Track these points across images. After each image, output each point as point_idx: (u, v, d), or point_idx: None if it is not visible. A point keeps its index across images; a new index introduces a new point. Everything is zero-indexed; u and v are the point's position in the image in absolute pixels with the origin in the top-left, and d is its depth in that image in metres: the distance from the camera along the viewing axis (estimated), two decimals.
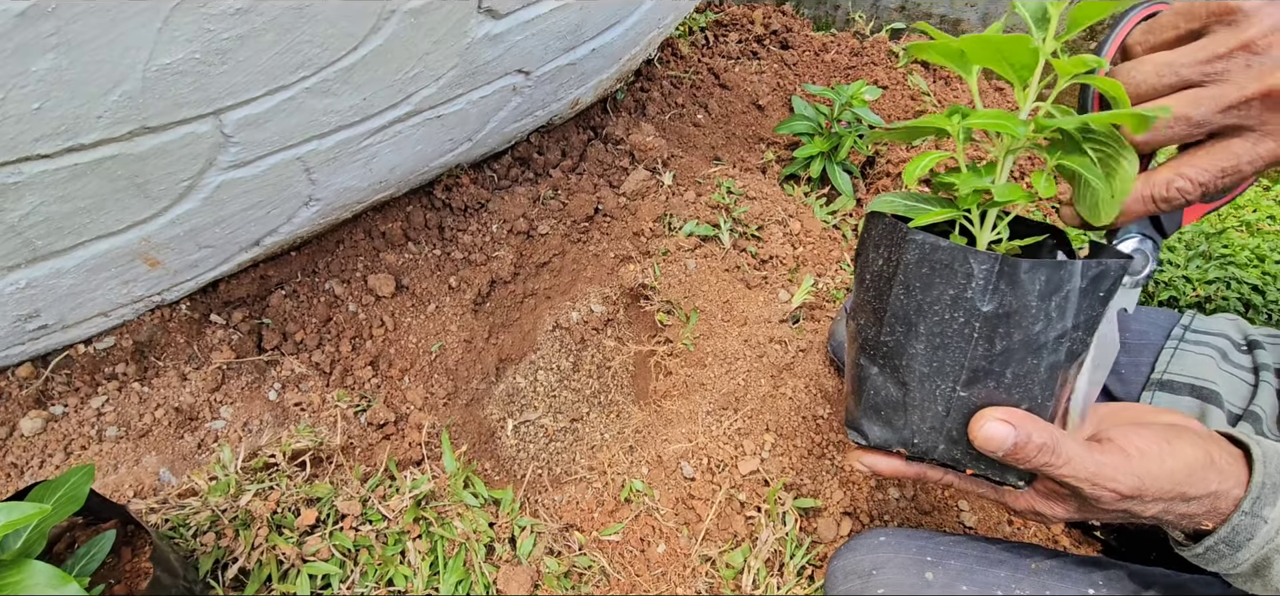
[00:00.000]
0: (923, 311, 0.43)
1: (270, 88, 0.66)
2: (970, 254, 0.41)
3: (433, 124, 0.90)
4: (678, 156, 1.23)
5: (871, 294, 0.47)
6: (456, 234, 1.10)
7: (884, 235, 0.46)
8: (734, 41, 1.53)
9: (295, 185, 0.82)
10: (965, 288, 0.42)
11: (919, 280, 0.43)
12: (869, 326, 0.47)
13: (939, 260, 0.42)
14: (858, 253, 0.49)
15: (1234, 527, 0.45)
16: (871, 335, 0.47)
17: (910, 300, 0.44)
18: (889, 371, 0.46)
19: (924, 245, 0.42)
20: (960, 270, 0.41)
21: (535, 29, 0.86)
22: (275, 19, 0.60)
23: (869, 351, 0.47)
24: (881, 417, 0.48)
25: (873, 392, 0.48)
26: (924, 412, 0.45)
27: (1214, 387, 0.75)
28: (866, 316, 0.47)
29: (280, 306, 0.97)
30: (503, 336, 1.13)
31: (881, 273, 0.45)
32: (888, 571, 0.62)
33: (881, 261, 0.45)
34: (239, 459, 0.78)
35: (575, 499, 0.90)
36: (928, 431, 0.46)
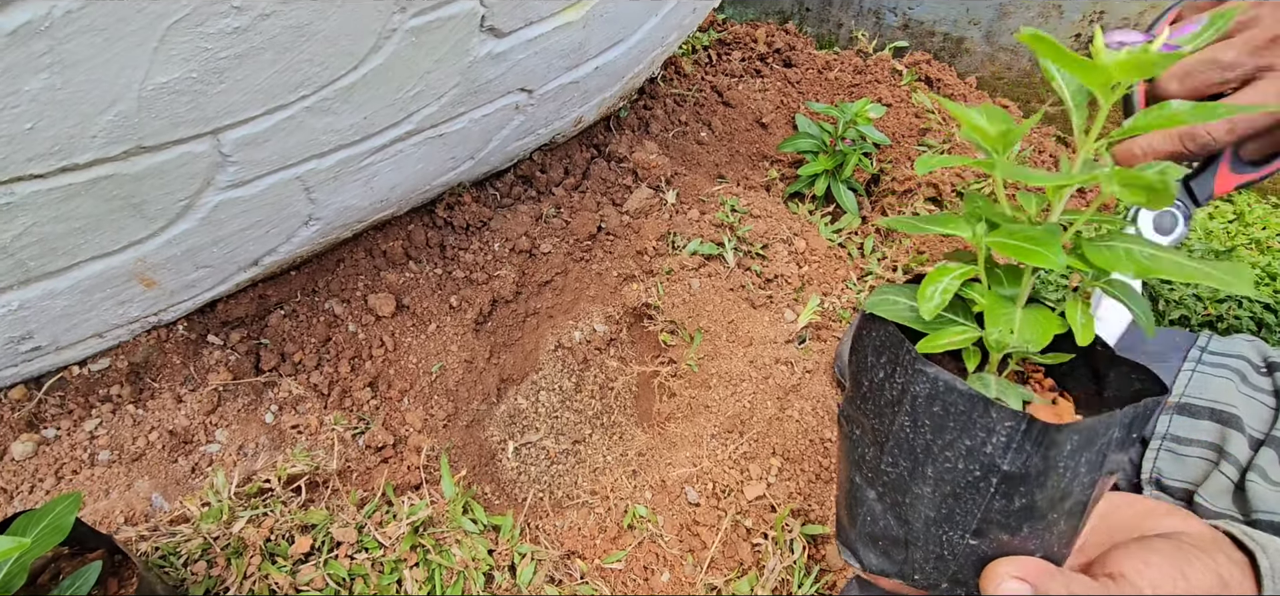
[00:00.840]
0: (932, 454, 0.38)
1: (269, 107, 0.65)
2: (993, 408, 0.36)
3: (434, 143, 0.89)
4: (681, 174, 1.22)
5: (870, 408, 0.42)
6: (458, 253, 1.09)
7: (887, 347, 0.40)
8: (737, 60, 1.53)
9: (295, 205, 0.81)
10: (985, 442, 0.37)
11: (930, 420, 0.38)
12: (866, 445, 0.42)
13: (955, 405, 0.37)
14: (854, 349, 0.44)
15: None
16: (870, 457, 0.42)
17: (918, 437, 0.39)
18: (889, 504, 0.42)
19: (938, 383, 0.37)
20: (980, 423, 0.36)
21: (538, 48, 0.85)
22: (274, 38, 0.59)
23: (866, 473, 0.43)
24: (878, 548, 0.43)
25: (870, 520, 0.43)
26: (927, 553, 0.41)
27: (1234, 411, 0.73)
28: (864, 431, 0.43)
29: (279, 326, 0.96)
30: (504, 356, 1.11)
31: (884, 391, 0.40)
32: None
33: (883, 376, 0.40)
34: (233, 484, 0.76)
35: (577, 524, 0.88)
36: (930, 571, 0.41)
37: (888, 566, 0.43)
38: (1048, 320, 0.37)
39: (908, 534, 0.41)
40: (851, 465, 0.44)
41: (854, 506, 0.44)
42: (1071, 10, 1.53)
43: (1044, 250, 0.35)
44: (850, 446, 0.44)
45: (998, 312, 0.38)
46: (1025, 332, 0.37)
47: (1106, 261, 0.36)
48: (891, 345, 0.40)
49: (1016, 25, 1.57)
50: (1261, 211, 1.60)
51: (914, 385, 0.38)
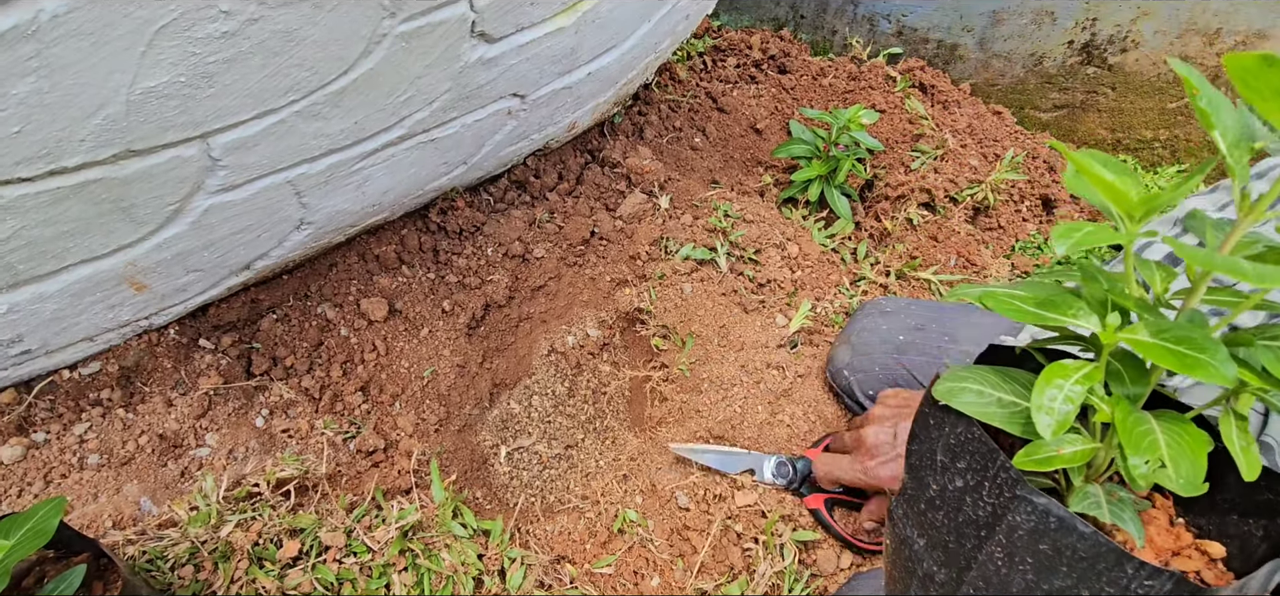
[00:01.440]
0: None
1: (259, 111, 0.66)
2: (1129, 562, 0.29)
3: (427, 147, 0.89)
4: (675, 180, 1.23)
5: (942, 522, 0.34)
6: (451, 257, 1.09)
7: (970, 452, 0.33)
8: (732, 66, 1.53)
9: (286, 209, 0.81)
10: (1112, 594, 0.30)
11: (1034, 558, 0.31)
12: (934, 563, 0.35)
13: (1072, 549, 0.30)
14: (915, 438, 0.37)
15: None
16: (939, 578, 0.35)
17: (1015, 576, 0.32)
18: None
19: (1049, 517, 0.30)
20: (1107, 576, 0.29)
21: (530, 53, 0.86)
22: (263, 43, 0.59)
23: (934, 593, 0.36)
24: None
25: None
26: None
27: None
28: (931, 544, 0.35)
29: (271, 330, 0.96)
30: (497, 361, 1.11)
31: (965, 507, 0.33)
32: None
33: (963, 486, 0.33)
34: (221, 488, 0.76)
35: (567, 529, 0.88)
36: None
37: None
38: (1197, 443, 0.29)
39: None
40: (912, 578, 0.37)
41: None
42: (1064, 17, 1.54)
43: (1206, 360, 0.26)
44: (908, 556, 0.37)
45: (1136, 435, 0.29)
46: (1180, 468, 0.28)
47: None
48: (979, 452, 0.32)
49: (1009, 32, 1.58)
50: None
51: (1013, 513, 0.31)
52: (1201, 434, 0.30)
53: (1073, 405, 0.29)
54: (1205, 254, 0.27)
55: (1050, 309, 0.31)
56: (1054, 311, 0.31)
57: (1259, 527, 0.36)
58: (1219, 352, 0.27)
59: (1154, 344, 0.28)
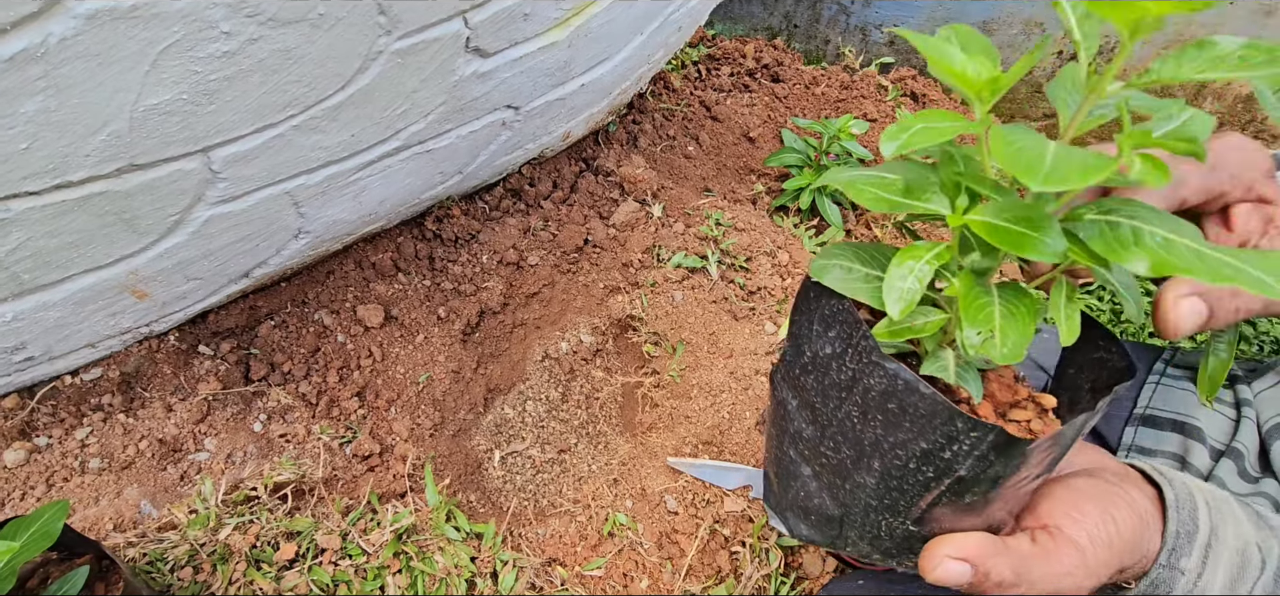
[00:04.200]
0: (881, 450, 0.36)
1: (258, 126, 0.67)
2: (959, 418, 0.33)
3: (422, 158, 0.91)
4: (668, 188, 1.24)
5: (811, 384, 0.38)
6: (447, 265, 1.11)
7: (839, 323, 0.36)
8: (726, 75, 1.55)
9: (284, 218, 0.83)
10: (944, 448, 0.34)
11: (883, 416, 0.35)
12: (804, 421, 0.39)
13: (915, 407, 0.33)
14: (797, 311, 0.40)
15: (1153, 581, 0.44)
16: (807, 434, 0.39)
17: (867, 431, 0.36)
18: (826, 484, 0.39)
19: (897, 380, 0.34)
20: (941, 430, 0.33)
21: (524, 66, 0.88)
22: (262, 61, 0.61)
23: (801, 449, 0.40)
24: (810, 521, 0.41)
25: (804, 496, 0.41)
26: (863, 533, 0.39)
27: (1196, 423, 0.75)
28: (802, 405, 0.39)
29: (269, 337, 0.97)
30: (491, 367, 1.13)
31: (829, 370, 0.37)
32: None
33: (830, 354, 0.37)
34: (220, 492, 0.78)
35: (558, 532, 0.90)
36: (865, 548, 0.40)
37: (819, 538, 0.42)
38: (1028, 316, 0.32)
39: (844, 515, 0.39)
40: (785, 436, 0.41)
41: (786, 478, 0.41)
42: (1053, 27, 1.56)
43: (1036, 236, 0.29)
44: (783, 415, 0.41)
45: (974, 306, 0.32)
46: (1006, 338, 0.31)
47: (1111, 250, 0.30)
48: (845, 323, 0.36)
49: (999, 42, 1.60)
50: None
51: (868, 377, 0.34)
52: (1034, 303, 0.33)
53: (921, 284, 0.32)
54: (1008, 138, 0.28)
55: (910, 195, 0.34)
56: (913, 197, 0.34)
57: (1087, 380, 0.40)
58: (1050, 230, 0.29)
59: (990, 223, 0.30)
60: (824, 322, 0.37)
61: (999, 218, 0.30)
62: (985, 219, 0.31)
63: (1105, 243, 0.30)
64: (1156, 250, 0.29)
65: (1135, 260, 0.30)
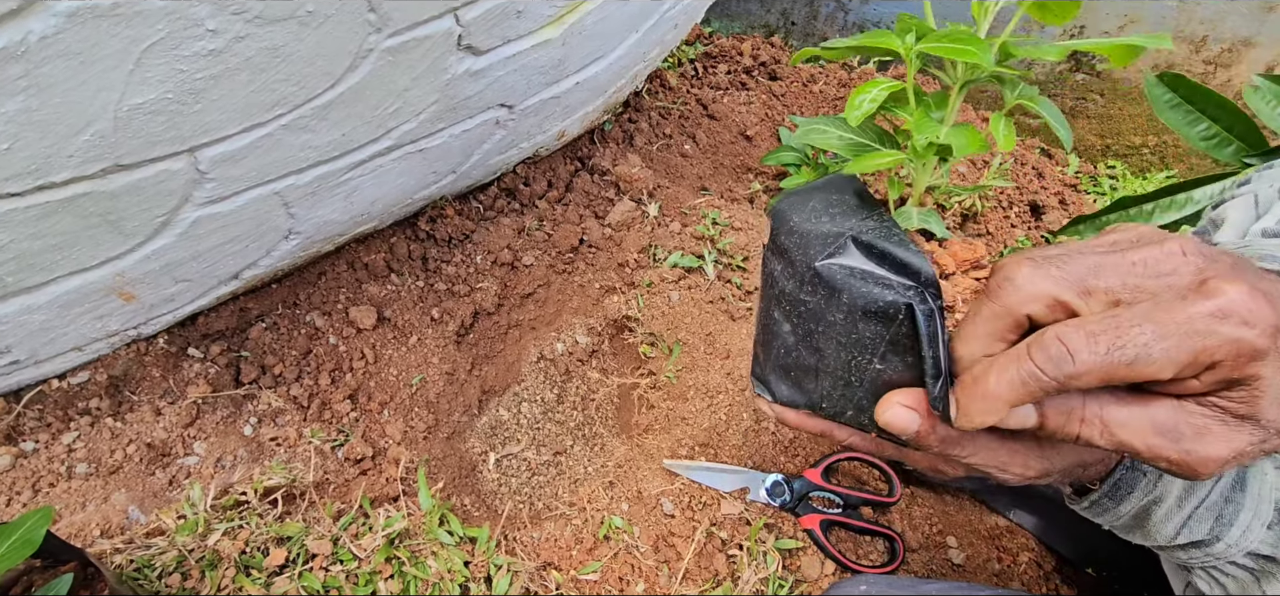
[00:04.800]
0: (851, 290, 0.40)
1: (245, 125, 0.66)
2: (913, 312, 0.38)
3: (414, 158, 0.90)
4: (664, 187, 1.24)
5: (794, 245, 0.42)
6: (440, 265, 1.10)
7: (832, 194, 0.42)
8: (723, 73, 1.54)
9: (274, 219, 0.82)
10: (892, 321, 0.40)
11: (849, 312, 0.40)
12: (786, 279, 0.43)
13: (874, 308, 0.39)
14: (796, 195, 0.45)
15: (1116, 482, 0.46)
16: (789, 290, 0.43)
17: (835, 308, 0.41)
18: (803, 334, 0.43)
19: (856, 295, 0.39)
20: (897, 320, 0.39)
21: (517, 64, 0.87)
22: (249, 59, 0.60)
23: (784, 307, 0.44)
24: (791, 378, 0.45)
25: (783, 352, 0.44)
26: (836, 380, 0.43)
27: None
28: (785, 267, 0.43)
29: (260, 339, 0.96)
30: (486, 368, 1.12)
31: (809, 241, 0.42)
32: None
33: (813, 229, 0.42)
34: (209, 497, 0.77)
35: (554, 536, 0.89)
36: (837, 398, 0.43)
37: (798, 397, 0.45)
38: (972, 132, 0.36)
39: (819, 362, 0.42)
40: (768, 299, 0.45)
41: (770, 340, 0.45)
42: (1051, 28, 1.55)
43: (972, 46, 0.34)
44: (768, 281, 0.45)
45: (924, 123, 0.37)
46: (953, 138, 0.35)
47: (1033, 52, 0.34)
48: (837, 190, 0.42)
49: None
50: None
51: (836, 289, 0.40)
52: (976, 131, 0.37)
53: (876, 104, 0.39)
54: None
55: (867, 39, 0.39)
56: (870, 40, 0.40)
57: None
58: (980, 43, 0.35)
59: (934, 44, 0.37)
60: (811, 195, 0.43)
61: (941, 40, 0.37)
62: (929, 44, 0.38)
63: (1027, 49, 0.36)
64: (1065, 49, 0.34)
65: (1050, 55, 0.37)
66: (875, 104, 0.39)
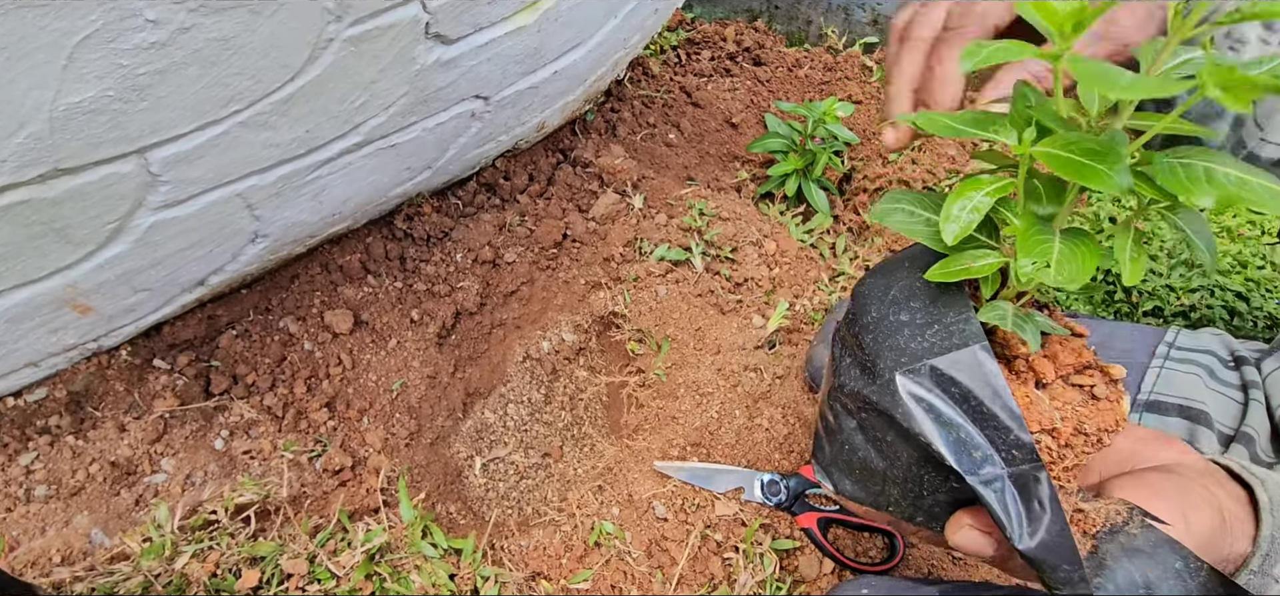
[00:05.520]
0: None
1: (199, 123, 0.62)
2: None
3: (386, 153, 0.86)
4: (649, 178, 1.20)
5: (869, 342, 0.39)
6: (419, 265, 1.06)
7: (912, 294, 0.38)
8: (706, 59, 1.51)
9: (238, 222, 0.77)
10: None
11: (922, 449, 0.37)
12: (858, 379, 0.39)
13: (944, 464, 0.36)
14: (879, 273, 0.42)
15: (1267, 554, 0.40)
16: (859, 389, 0.39)
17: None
18: (871, 438, 0.39)
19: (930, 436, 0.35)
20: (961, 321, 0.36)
21: (490, 53, 0.83)
22: (197, 52, 0.56)
23: (852, 405, 0.40)
24: (855, 476, 0.42)
25: (849, 450, 0.41)
26: (904, 492, 0.39)
27: (1203, 407, 0.72)
28: (853, 360, 0.40)
29: (230, 347, 0.92)
30: (470, 370, 1.08)
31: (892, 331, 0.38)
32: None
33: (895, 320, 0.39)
34: (176, 517, 0.73)
35: (543, 543, 0.85)
36: (907, 506, 0.40)
37: (862, 494, 0.42)
38: (1089, 254, 0.31)
39: (888, 470, 0.39)
40: (839, 393, 0.42)
41: (834, 434, 0.42)
42: None
43: (1104, 169, 0.28)
44: (834, 371, 0.42)
45: (1032, 241, 0.32)
46: (1063, 269, 0.31)
47: (1179, 185, 0.29)
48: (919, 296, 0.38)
49: None
50: None
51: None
52: (1097, 250, 0.32)
53: (977, 214, 0.32)
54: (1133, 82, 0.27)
55: (976, 125, 0.34)
56: (979, 127, 0.34)
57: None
58: (1118, 165, 0.29)
59: (1057, 154, 0.30)
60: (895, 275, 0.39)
61: (1067, 149, 0.30)
62: (1053, 150, 0.30)
63: (1175, 179, 0.30)
64: (1227, 186, 0.29)
65: (1203, 196, 0.29)
66: (977, 216, 0.32)
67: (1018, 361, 0.37)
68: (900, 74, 0.44)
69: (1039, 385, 0.37)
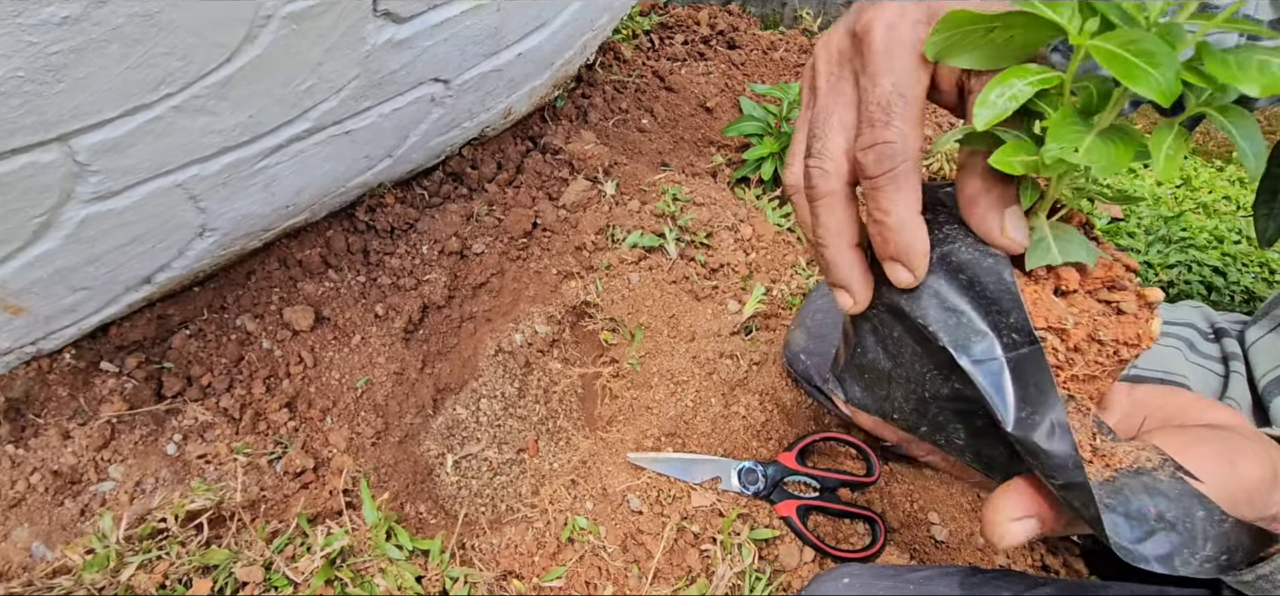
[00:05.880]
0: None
1: (127, 108, 0.58)
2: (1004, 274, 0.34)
3: (341, 140, 0.82)
4: (621, 164, 1.17)
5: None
6: (383, 258, 1.02)
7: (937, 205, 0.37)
8: (680, 43, 1.48)
9: (182, 215, 0.73)
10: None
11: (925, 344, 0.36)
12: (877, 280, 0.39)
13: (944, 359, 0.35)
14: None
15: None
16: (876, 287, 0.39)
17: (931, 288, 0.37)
18: (882, 337, 0.39)
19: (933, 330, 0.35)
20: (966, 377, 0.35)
21: (447, 33, 0.79)
22: (118, 29, 0.52)
23: (868, 308, 0.40)
24: (864, 380, 0.41)
25: (860, 351, 0.41)
26: (908, 394, 0.39)
27: (1183, 380, 0.71)
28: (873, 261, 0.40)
29: (184, 348, 0.88)
30: (439, 365, 1.05)
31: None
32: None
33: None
34: (122, 526, 0.69)
35: (515, 541, 0.83)
36: (910, 412, 0.39)
37: (869, 401, 0.41)
38: (1126, 145, 0.30)
39: (892, 370, 0.38)
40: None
41: (848, 337, 0.42)
42: None
43: (1152, 71, 0.27)
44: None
45: (1065, 129, 0.30)
46: (1094, 153, 0.29)
47: (1229, 73, 0.28)
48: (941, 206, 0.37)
49: None
50: (1208, 175, 1.61)
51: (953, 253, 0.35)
52: (1136, 142, 0.30)
53: (1015, 102, 0.30)
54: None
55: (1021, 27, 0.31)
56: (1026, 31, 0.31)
57: None
58: (1167, 68, 0.27)
59: (1111, 50, 0.28)
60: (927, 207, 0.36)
61: (1123, 46, 0.28)
62: (1109, 45, 0.28)
63: (1226, 68, 0.28)
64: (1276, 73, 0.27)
65: (1251, 83, 0.27)
66: (1015, 103, 0.30)
67: (1038, 268, 0.35)
68: (832, 236, 0.37)
69: (1059, 293, 0.35)
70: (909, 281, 0.35)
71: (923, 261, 0.34)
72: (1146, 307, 0.36)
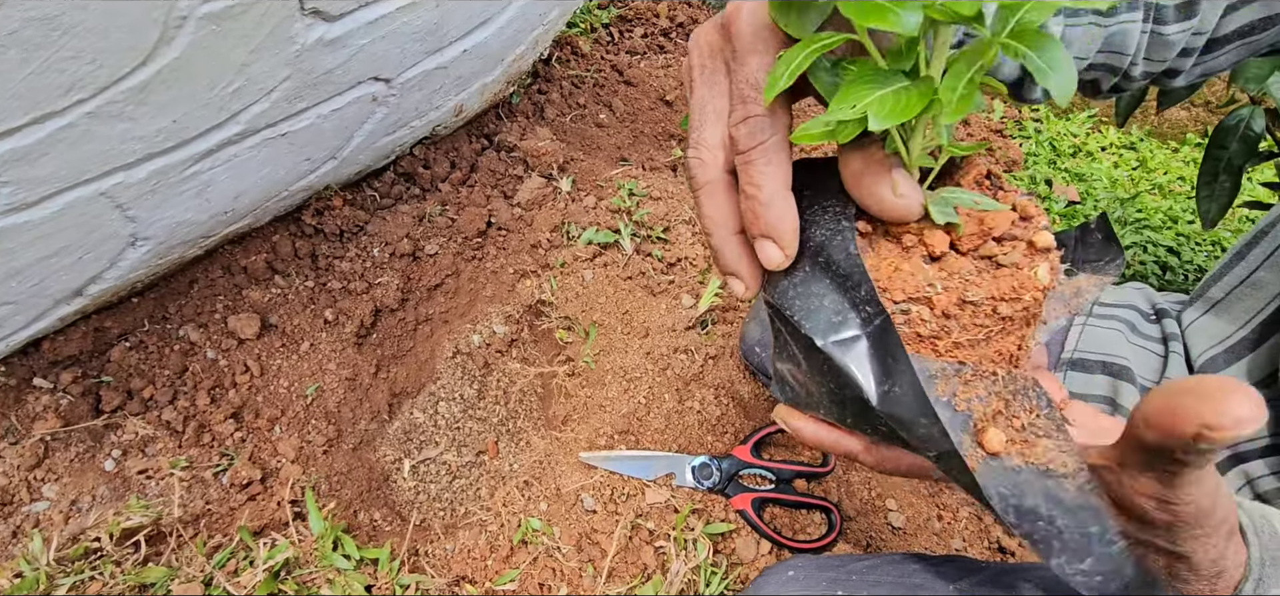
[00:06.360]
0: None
1: (35, 115, 0.56)
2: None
3: (278, 143, 0.80)
4: (578, 160, 1.16)
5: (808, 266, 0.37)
6: (332, 262, 1.00)
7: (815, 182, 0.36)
8: (639, 37, 1.47)
9: (109, 224, 0.71)
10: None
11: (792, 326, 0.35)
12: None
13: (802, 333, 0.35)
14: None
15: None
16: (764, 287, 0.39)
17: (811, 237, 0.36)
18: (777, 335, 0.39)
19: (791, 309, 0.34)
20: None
21: (383, 31, 0.77)
22: (15, 33, 0.50)
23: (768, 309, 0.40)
24: (782, 381, 0.40)
25: (776, 353, 0.40)
26: (809, 387, 0.38)
27: (1125, 362, 0.72)
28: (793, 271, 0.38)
29: (123, 361, 0.86)
30: (395, 369, 1.03)
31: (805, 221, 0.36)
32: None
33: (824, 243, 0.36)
34: (52, 548, 0.67)
35: (468, 546, 0.81)
36: (824, 401, 0.38)
37: (787, 395, 0.40)
38: (915, 95, 0.28)
39: (793, 368, 0.38)
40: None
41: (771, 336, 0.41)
42: None
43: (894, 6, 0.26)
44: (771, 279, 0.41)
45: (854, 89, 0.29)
46: (876, 107, 0.28)
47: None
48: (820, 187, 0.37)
49: None
50: (1163, 156, 1.63)
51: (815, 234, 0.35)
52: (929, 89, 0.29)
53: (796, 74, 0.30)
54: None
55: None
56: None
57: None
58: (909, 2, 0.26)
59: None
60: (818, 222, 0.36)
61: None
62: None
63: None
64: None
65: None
66: (796, 73, 0.29)
67: (907, 235, 0.34)
68: (715, 224, 0.37)
69: (931, 259, 0.34)
70: (779, 260, 0.34)
71: (792, 239, 0.34)
72: (1036, 254, 0.34)
